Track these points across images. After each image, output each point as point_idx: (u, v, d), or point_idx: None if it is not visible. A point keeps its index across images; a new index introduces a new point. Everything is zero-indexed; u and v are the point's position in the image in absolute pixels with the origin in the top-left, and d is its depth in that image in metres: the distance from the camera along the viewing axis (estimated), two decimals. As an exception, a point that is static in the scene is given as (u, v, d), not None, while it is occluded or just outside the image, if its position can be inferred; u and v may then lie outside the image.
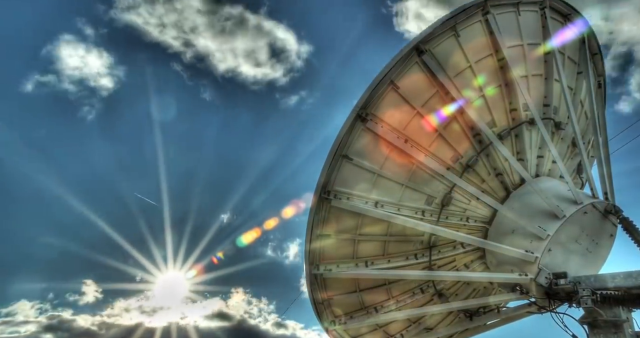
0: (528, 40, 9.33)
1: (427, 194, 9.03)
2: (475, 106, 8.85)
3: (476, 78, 8.84)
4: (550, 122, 9.65)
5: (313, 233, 8.77)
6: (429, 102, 8.48)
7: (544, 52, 9.50)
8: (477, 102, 8.94)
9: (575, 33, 9.74)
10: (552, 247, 7.97)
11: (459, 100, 8.46)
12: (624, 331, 6.72)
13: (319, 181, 8.43)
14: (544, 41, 9.44)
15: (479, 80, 8.88)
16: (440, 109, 8.59)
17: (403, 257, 9.51)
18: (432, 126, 8.65)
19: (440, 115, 8.63)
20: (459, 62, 8.60)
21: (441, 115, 8.64)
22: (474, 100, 8.88)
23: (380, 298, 9.99)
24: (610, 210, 8.52)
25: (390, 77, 8.07)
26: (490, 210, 9.25)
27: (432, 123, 8.62)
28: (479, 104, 8.97)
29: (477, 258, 9.79)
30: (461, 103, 8.47)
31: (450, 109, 8.62)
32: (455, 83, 8.54)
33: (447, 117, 8.69)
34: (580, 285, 7.06)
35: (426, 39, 8.13)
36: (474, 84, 8.86)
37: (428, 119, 8.57)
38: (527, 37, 9.31)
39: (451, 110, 8.63)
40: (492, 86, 9.07)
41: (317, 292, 9.36)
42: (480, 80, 8.89)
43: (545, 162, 9.67)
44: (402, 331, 10.62)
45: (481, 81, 8.91)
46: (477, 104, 8.95)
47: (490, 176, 9.27)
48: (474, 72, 8.77)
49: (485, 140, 8.94)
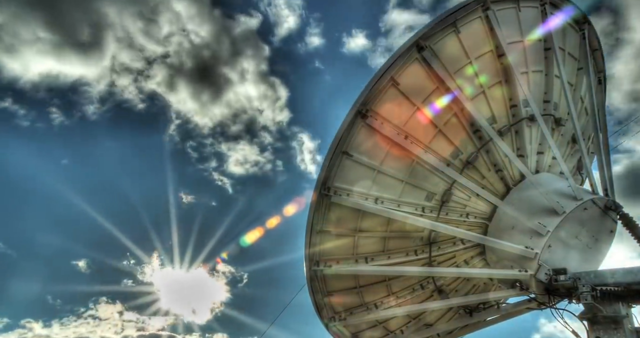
0: (528, 37, 9.32)
1: (427, 190, 9.03)
2: (476, 102, 8.84)
3: (476, 74, 8.83)
4: (551, 118, 9.64)
5: (313, 229, 8.79)
6: (429, 99, 8.47)
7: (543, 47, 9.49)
8: (477, 99, 8.94)
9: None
10: (552, 243, 7.98)
11: (459, 97, 8.45)
12: (624, 327, 6.72)
13: (319, 177, 8.44)
14: (544, 36, 9.43)
15: (479, 76, 8.87)
16: (441, 105, 8.59)
17: (403, 254, 9.52)
18: (432, 122, 8.64)
19: (441, 112, 8.63)
20: (459, 59, 8.59)
21: (441, 112, 8.64)
22: (474, 97, 8.87)
23: (380, 295, 10.02)
24: (610, 206, 8.51)
25: (390, 73, 8.06)
26: (490, 207, 9.26)
27: (432, 119, 8.62)
28: (479, 100, 8.96)
29: (477, 255, 9.80)
30: (461, 99, 8.46)
31: (451, 105, 8.62)
32: (455, 79, 8.54)
33: (447, 114, 8.69)
34: (580, 281, 7.06)
35: (426, 35, 8.12)
36: (474, 80, 8.85)
37: (428, 115, 8.57)
38: (528, 33, 9.29)
39: (451, 106, 8.64)
40: (492, 82, 9.06)
41: (317, 288, 9.38)
42: (480, 76, 8.88)
43: (545, 158, 9.67)
44: (402, 327, 10.65)
45: (481, 77, 8.90)
46: (477, 100, 8.94)
47: (490, 172, 9.27)
48: (474, 68, 8.75)
49: (485, 137, 8.94)
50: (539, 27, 9.29)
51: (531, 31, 9.33)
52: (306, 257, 9.01)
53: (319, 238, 8.95)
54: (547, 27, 9.23)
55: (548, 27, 9.22)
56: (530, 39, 9.35)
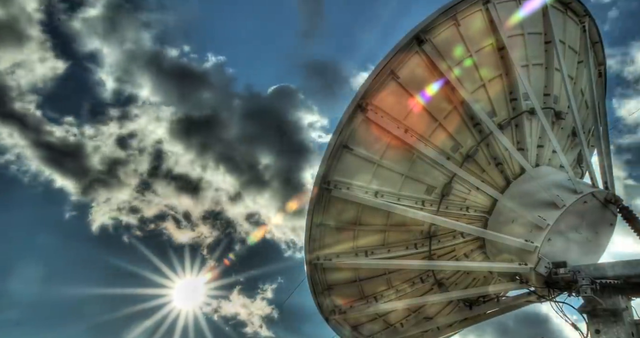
0: (529, 30, 9.29)
1: (427, 184, 9.03)
2: (476, 96, 8.82)
3: (476, 67, 8.81)
4: (551, 111, 9.63)
5: (313, 223, 8.80)
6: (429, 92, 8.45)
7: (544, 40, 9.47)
8: (477, 92, 8.92)
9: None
10: (551, 237, 7.98)
11: (459, 90, 8.43)
12: (623, 319, 6.75)
13: (319, 171, 8.44)
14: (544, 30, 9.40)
15: (479, 69, 8.85)
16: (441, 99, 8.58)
17: (403, 247, 9.53)
18: (432, 116, 8.63)
19: (440, 105, 8.62)
20: (460, 52, 8.56)
21: (441, 105, 8.62)
22: (474, 90, 8.85)
23: (380, 288, 10.04)
24: (610, 199, 8.52)
25: (390, 66, 8.04)
26: (490, 200, 9.25)
27: (432, 113, 8.61)
28: (479, 94, 8.95)
29: (477, 248, 9.80)
30: (461, 93, 8.45)
31: (451, 98, 8.61)
32: (455, 72, 8.51)
33: (447, 107, 8.68)
34: (579, 274, 7.07)
35: (426, 28, 8.09)
36: (474, 73, 8.83)
37: (428, 108, 8.55)
38: (528, 26, 9.26)
39: (451, 99, 8.62)
40: (492, 76, 9.03)
41: (317, 281, 9.41)
42: (480, 69, 8.86)
43: (546, 151, 9.66)
44: (402, 320, 10.68)
45: (481, 71, 8.88)
46: (478, 93, 8.92)
47: (490, 166, 9.26)
48: (475, 61, 8.73)
49: (486, 130, 8.92)
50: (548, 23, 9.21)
51: (532, 24, 9.30)
52: (306, 250, 9.03)
53: (319, 231, 8.96)
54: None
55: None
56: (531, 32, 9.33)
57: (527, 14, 9.12)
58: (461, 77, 8.58)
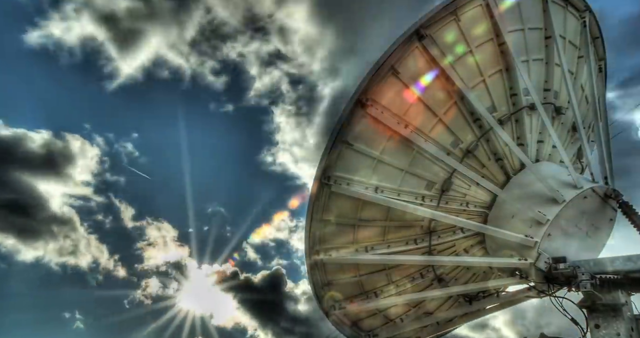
0: (529, 25, 9.27)
1: (427, 179, 9.03)
2: (476, 91, 8.81)
3: (476, 63, 8.79)
4: (551, 106, 9.62)
5: (313, 218, 8.80)
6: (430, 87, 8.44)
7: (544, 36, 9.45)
8: (477, 87, 8.90)
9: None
10: (551, 232, 8.00)
11: (460, 85, 8.42)
12: (623, 314, 6.77)
13: (319, 167, 8.43)
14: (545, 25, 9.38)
15: (479, 64, 8.83)
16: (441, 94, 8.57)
17: (403, 242, 9.54)
18: (432, 111, 8.62)
19: (441, 100, 8.61)
20: (460, 47, 8.54)
21: (441, 100, 8.61)
22: (474, 85, 8.83)
23: (380, 283, 10.05)
24: (610, 194, 8.52)
25: (390, 62, 8.01)
26: (490, 195, 9.26)
27: (432, 108, 8.60)
28: (479, 89, 8.93)
29: (476, 243, 9.82)
30: (461, 88, 8.43)
31: (451, 93, 8.60)
32: (455, 68, 8.50)
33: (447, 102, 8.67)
34: (579, 270, 7.09)
35: (427, 24, 8.06)
36: (474, 68, 8.81)
37: (428, 103, 8.54)
38: (528, 22, 9.24)
39: (451, 95, 8.61)
40: (492, 71, 9.02)
41: (317, 277, 9.42)
42: (480, 65, 8.84)
43: (546, 146, 9.66)
44: (402, 315, 10.70)
45: (481, 66, 8.86)
46: (478, 88, 8.91)
47: (490, 161, 9.26)
48: (475, 56, 8.71)
49: (486, 126, 8.91)
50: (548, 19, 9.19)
51: (532, 19, 9.28)
52: (306, 246, 9.04)
53: (319, 227, 8.97)
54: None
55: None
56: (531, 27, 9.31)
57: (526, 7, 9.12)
58: (461, 73, 8.57)
